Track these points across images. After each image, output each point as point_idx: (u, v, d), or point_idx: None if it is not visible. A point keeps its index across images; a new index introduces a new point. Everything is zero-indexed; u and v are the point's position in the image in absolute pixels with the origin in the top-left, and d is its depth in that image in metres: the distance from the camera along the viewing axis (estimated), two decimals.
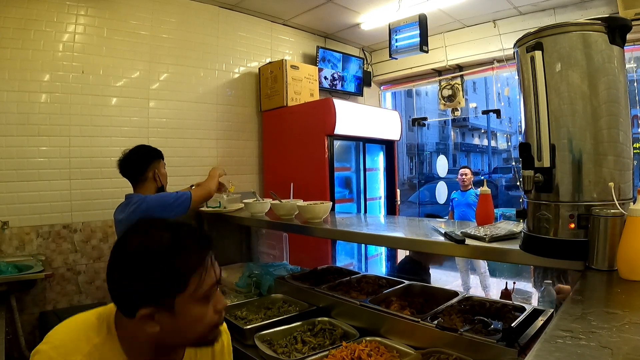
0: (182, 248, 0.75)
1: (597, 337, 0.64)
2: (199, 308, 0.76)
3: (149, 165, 2.05)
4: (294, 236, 2.86)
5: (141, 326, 0.74)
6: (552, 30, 1.02)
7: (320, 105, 3.37)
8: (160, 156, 2.13)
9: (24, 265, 2.28)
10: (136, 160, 2.05)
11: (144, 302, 0.72)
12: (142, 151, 2.08)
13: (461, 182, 4.89)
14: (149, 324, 0.73)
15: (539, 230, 1.07)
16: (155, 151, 2.12)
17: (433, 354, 1.31)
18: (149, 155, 2.08)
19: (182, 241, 0.76)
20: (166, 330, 0.74)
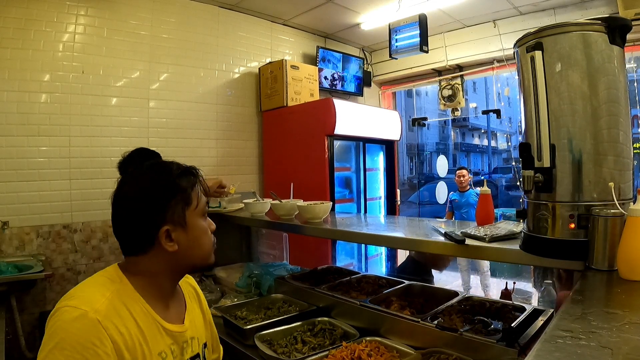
0: (181, 172, 0.92)
1: (597, 337, 0.64)
2: (203, 222, 0.94)
3: None
4: (294, 236, 2.86)
5: (159, 252, 0.87)
6: (552, 30, 1.02)
7: (320, 105, 3.37)
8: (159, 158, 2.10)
9: (24, 265, 2.28)
10: (135, 162, 2.02)
11: (163, 222, 0.86)
12: (142, 153, 2.09)
13: (459, 183, 4.89)
14: (169, 244, 0.87)
15: (539, 230, 1.07)
16: (154, 152, 2.13)
17: (433, 354, 1.31)
18: (147, 157, 2.07)
19: (178, 167, 0.93)
20: (183, 246, 0.88)
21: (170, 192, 0.88)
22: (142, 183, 0.89)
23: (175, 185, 0.89)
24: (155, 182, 0.89)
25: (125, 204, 0.88)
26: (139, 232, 0.87)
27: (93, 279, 0.87)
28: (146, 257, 0.88)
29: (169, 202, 0.87)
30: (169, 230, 0.86)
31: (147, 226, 0.86)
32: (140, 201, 0.86)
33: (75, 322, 0.76)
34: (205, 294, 2.35)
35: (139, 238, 0.87)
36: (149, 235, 0.86)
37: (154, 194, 0.87)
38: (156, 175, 0.90)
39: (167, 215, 0.87)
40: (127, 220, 0.88)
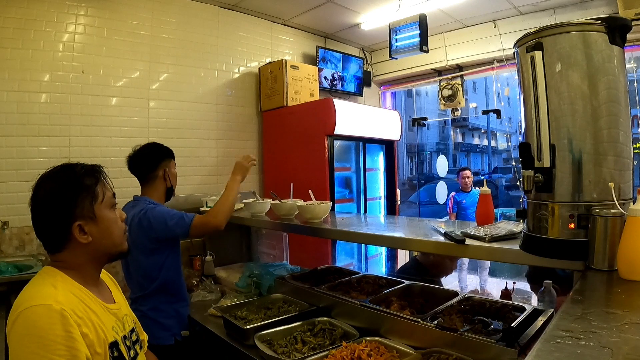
0: (85, 171, 1.01)
1: (597, 337, 0.64)
2: (111, 213, 1.03)
3: (160, 163, 1.91)
4: (294, 236, 2.86)
5: (76, 245, 0.96)
6: (552, 30, 1.02)
7: (320, 105, 3.37)
8: (172, 155, 2.00)
9: (24, 265, 2.28)
10: (147, 157, 1.91)
11: (73, 218, 0.94)
12: (154, 149, 1.95)
13: (464, 184, 4.91)
14: (83, 237, 0.96)
15: (539, 230, 1.07)
16: (167, 150, 1.99)
17: (433, 354, 1.31)
18: (160, 152, 1.95)
19: (82, 167, 1.02)
20: (96, 237, 0.97)
21: (77, 190, 0.96)
22: (50, 185, 0.96)
23: (80, 183, 0.97)
24: (62, 183, 0.97)
25: (38, 206, 0.95)
26: (55, 231, 0.95)
27: (32, 282, 0.93)
28: (67, 252, 0.96)
29: (76, 200, 0.95)
30: (81, 225, 0.95)
31: (61, 224, 0.94)
32: (51, 202, 0.94)
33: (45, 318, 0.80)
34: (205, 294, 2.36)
35: (56, 236, 0.95)
36: (64, 232, 0.94)
37: (62, 193, 0.95)
38: (62, 176, 0.98)
39: (77, 211, 0.95)
40: (43, 221, 0.95)
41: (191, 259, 2.87)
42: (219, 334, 1.80)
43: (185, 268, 2.80)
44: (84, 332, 0.85)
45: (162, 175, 1.93)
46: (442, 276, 2.33)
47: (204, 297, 2.34)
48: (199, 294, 2.35)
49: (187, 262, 2.92)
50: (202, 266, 2.75)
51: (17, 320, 0.81)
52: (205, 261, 2.75)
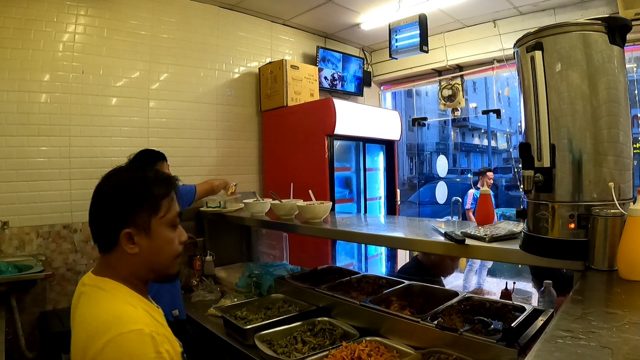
0: (154, 179, 0.93)
1: (597, 337, 0.64)
2: (169, 232, 0.94)
3: (154, 165, 2.15)
4: (294, 236, 2.86)
5: (123, 252, 0.88)
6: (552, 30, 1.02)
7: (320, 105, 3.37)
8: (164, 158, 2.25)
9: (24, 265, 2.28)
10: (140, 161, 2.14)
11: (126, 224, 0.87)
12: (146, 153, 2.21)
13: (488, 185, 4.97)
14: (129, 246, 0.88)
15: (539, 230, 1.07)
16: (158, 153, 2.25)
17: (433, 354, 1.31)
18: (152, 156, 2.20)
19: (153, 175, 0.95)
20: (144, 251, 0.89)
21: (139, 197, 0.90)
22: (116, 183, 0.92)
23: (146, 192, 0.91)
24: (127, 185, 0.91)
25: (98, 199, 0.91)
26: (105, 231, 0.90)
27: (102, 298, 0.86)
28: (112, 257, 0.90)
29: (135, 207, 0.89)
30: (131, 233, 0.88)
31: (112, 226, 0.88)
32: (109, 200, 0.90)
33: (140, 344, 0.77)
34: (205, 294, 2.36)
35: (105, 236, 0.90)
36: (113, 235, 0.88)
37: (123, 195, 0.89)
38: (131, 179, 0.93)
39: (131, 219, 0.88)
40: (97, 216, 0.91)
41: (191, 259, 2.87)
42: (218, 334, 1.80)
43: (186, 268, 2.81)
44: (167, 349, 0.82)
45: None
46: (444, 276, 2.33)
47: (204, 297, 2.34)
48: (199, 294, 2.35)
49: (187, 262, 2.93)
50: (202, 266, 2.76)
51: (107, 347, 0.76)
52: (205, 261, 2.75)
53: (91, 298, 0.87)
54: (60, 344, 2.19)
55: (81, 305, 0.88)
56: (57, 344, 2.19)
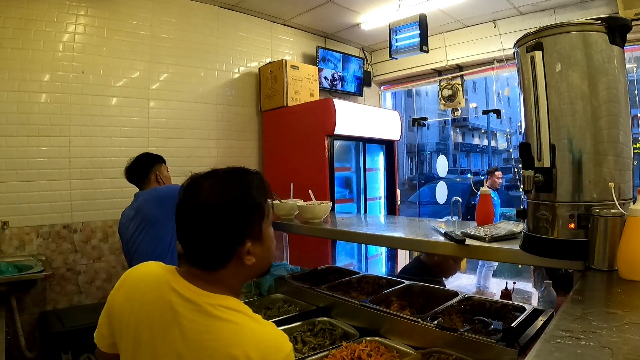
0: (256, 183, 0.88)
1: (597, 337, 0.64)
2: (271, 229, 0.91)
3: (151, 168, 2.17)
4: (294, 236, 2.86)
5: (236, 266, 0.83)
6: (552, 30, 1.02)
7: (320, 105, 3.37)
8: (162, 160, 2.25)
9: (24, 265, 2.28)
10: (139, 165, 2.17)
11: (245, 239, 0.82)
12: (144, 158, 2.21)
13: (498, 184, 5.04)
14: (247, 258, 0.83)
15: (539, 230, 1.07)
16: (156, 156, 2.25)
17: (433, 354, 1.31)
18: (150, 159, 2.21)
19: (252, 178, 0.89)
20: (258, 258, 0.85)
21: (252, 207, 0.84)
22: (224, 197, 0.83)
23: (254, 200, 0.85)
24: (239, 198, 0.84)
25: (206, 217, 0.81)
26: (222, 248, 0.83)
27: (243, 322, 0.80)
28: (226, 271, 0.84)
29: (251, 218, 0.84)
30: (250, 245, 0.84)
31: (231, 243, 0.82)
32: (224, 217, 0.81)
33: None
34: None
35: (221, 253, 0.83)
36: (231, 251, 0.83)
37: (239, 210, 0.83)
38: (238, 190, 0.85)
39: (248, 230, 0.83)
40: (208, 235, 0.82)
41: None
42: None
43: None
44: None
45: (155, 179, 2.17)
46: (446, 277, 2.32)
47: None
48: None
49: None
50: None
51: None
52: None
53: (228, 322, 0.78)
54: (60, 344, 2.20)
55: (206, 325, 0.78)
56: (57, 344, 2.19)
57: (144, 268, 0.91)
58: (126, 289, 0.88)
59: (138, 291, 0.86)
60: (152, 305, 0.82)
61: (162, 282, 0.84)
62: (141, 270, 0.91)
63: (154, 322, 0.81)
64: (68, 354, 2.18)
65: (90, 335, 0.96)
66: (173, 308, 0.79)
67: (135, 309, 0.84)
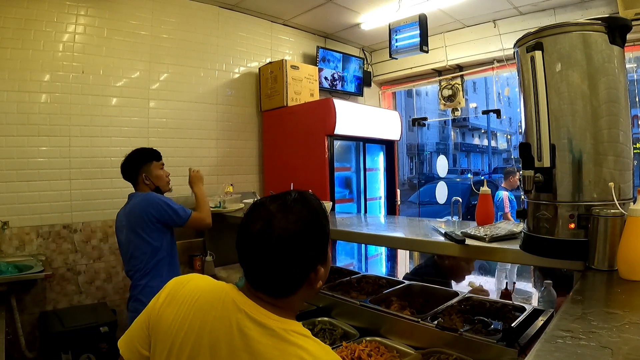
0: (321, 207, 0.87)
1: (597, 337, 0.64)
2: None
3: (138, 169, 2.08)
4: None
5: (305, 290, 0.82)
6: (552, 30, 1.02)
7: (321, 105, 3.37)
8: (151, 158, 2.12)
9: (24, 265, 2.28)
10: (127, 166, 2.10)
11: (316, 265, 0.82)
12: (131, 157, 2.11)
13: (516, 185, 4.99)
14: (318, 282, 0.83)
15: (539, 230, 1.07)
16: (145, 154, 2.12)
17: (433, 354, 1.31)
18: (138, 159, 2.10)
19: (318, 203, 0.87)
20: (323, 279, 0.85)
21: (324, 234, 0.84)
22: (297, 227, 0.80)
23: (325, 227, 0.85)
24: (311, 227, 0.82)
25: (281, 249, 0.78)
26: (296, 277, 0.81)
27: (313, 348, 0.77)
28: (295, 297, 0.83)
29: (324, 245, 0.84)
30: (320, 268, 0.83)
31: (306, 271, 0.81)
32: (300, 248, 0.79)
33: None
34: None
35: (295, 282, 0.81)
36: (304, 278, 0.81)
37: (314, 241, 0.81)
38: (310, 218, 0.82)
39: (322, 255, 0.83)
40: (284, 265, 0.79)
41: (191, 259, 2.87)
42: None
43: (185, 268, 2.81)
44: None
45: (143, 180, 2.09)
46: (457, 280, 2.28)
47: None
48: None
49: (187, 262, 2.93)
50: (202, 266, 2.76)
51: None
52: (206, 261, 2.75)
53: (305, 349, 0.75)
54: (60, 344, 2.20)
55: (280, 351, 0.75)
56: (57, 344, 2.19)
57: (199, 281, 0.88)
58: (179, 303, 0.83)
59: (198, 308, 0.81)
60: (216, 324, 0.78)
61: (227, 302, 0.80)
62: (197, 285, 0.86)
63: (218, 342, 0.76)
64: (68, 354, 2.18)
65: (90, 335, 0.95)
66: (242, 331, 0.76)
67: (194, 327, 0.79)
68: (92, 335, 2.24)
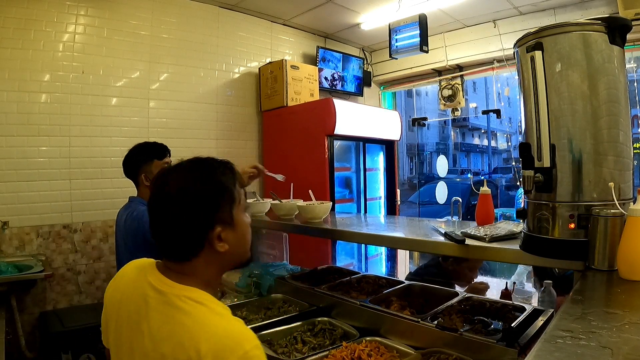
0: (222, 169, 0.87)
1: (597, 337, 0.64)
2: (247, 217, 0.90)
3: (138, 169, 1.88)
4: (294, 236, 2.85)
5: (209, 254, 0.82)
6: (552, 30, 1.02)
7: (321, 105, 3.37)
8: (152, 156, 1.90)
9: (24, 265, 2.28)
10: (127, 163, 1.91)
11: (215, 224, 0.82)
12: (133, 152, 1.91)
13: None
14: (219, 245, 0.82)
15: (539, 230, 1.07)
16: (146, 151, 1.92)
17: (433, 354, 1.31)
18: (138, 156, 1.90)
19: (219, 164, 0.88)
20: (231, 245, 0.84)
21: (219, 191, 0.84)
22: (189, 184, 0.82)
23: (222, 184, 0.85)
24: (204, 182, 0.83)
25: (173, 206, 0.81)
26: (190, 238, 0.82)
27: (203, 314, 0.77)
28: (198, 261, 0.83)
29: (219, 203, 0.83)
30: (220, 231, 0.82)
31: (199, 230, 0.81)
32: (191, 203, 0.81)
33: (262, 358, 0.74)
34: None
35: (190, 243, 0.82)
36: (200, 239, 0.82)
37: (205, 194, 0.82)
38: (203, 175, 0.84)
39: (218, 216, 0.82)
40: (177, 224, 0.81)
41: None
42: None
43: None
44: None
45: (143, 181, 1.88)
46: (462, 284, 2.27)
47: None
48: None
49: None
50: None
51: None
52: None
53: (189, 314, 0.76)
54: (60, 344, 2.20)
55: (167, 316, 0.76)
56: (57, 344, 2.20)
57: (134, 262, 0.92)
58: (114, 284, 0.91)
59: (121, 286, 0.88)
60: (131, 299, 0.82)
61: (141, 275, 0.84)
62: (130, 265, 0.92)
63: (132, 316, 0.80)
64: (68, 354, 2.19)
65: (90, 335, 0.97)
66: (146, 301, 0.79)
67: (115, 305, 0.85)
68: (92, 335, 2.23)
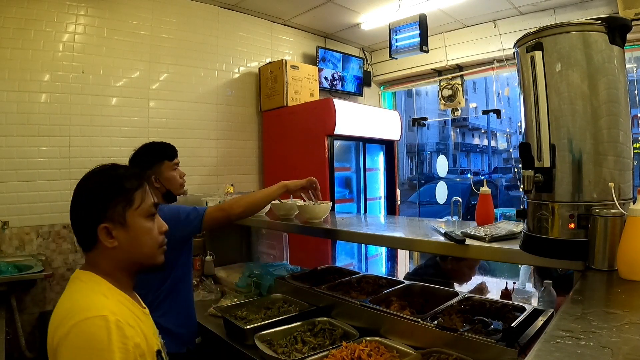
0: (124, 174, 0.97)
1: (597, 337, 0.64)
2: (146, 222, 0.97)
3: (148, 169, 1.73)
4: (294, 236, 2.86)
5: (104, 248, 0.91)
6: (552, 30, 1.02)
7: (320, 105, 3.37)
8: (162, 157, 1.79)
9: (24, 265, 2.28)
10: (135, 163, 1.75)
11: (102, 220, 0.90)
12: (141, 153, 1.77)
13: None
14: (108, 240, 0.91)
15: (539, 230, 1.07)
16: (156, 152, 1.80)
17: (433, 354, 1.31)
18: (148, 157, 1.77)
19: (126, 170, 0.99)
20: (123, 244, 0.92)
21: (111, 191, 0.93)
22: (88, 183, 0.95)
23: (118, 186, 0.94)
24: (98, 182, 0.94)
25: (74, 201, 0.94)
26: (83, 229, 0.92)
27: (77, 289, 0.89)
28: (97, 253, 0.92)
29: (110, 201, 0.92)
30: (108, 228, 0.90)
31: (89, 223, 0.91)
32: (83, 199, 0.93)
33: (103, 330, 0.78)
34: (205, 294, 2.36)
35: (84, 234, 0.92)
36: (92, 232, 0.91)
37: (96, 193, 0.93)
38: (101, 176, 0.95)
39: (107, 214, 0.91)
40: (75, 217, 0.93)
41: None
42: (219, 334, 1.80)
43: None
44: (137, 343, 0.82)
45: (152, 183, 1.73)
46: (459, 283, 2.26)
47: (204, 297, 2.34)
48: (199, 294, 2.35)
49: None
50: (202, 266, 2.75)
51: (70, 333, 0.77)
52: (205, 261, 2.75)
53: (68, 288, 0.90)
54: None
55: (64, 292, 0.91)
56: None
57: None
58: None
59: None
60: None
61: None
62: None
63: None
64: None
65: None
66: None
67: None
68: None
